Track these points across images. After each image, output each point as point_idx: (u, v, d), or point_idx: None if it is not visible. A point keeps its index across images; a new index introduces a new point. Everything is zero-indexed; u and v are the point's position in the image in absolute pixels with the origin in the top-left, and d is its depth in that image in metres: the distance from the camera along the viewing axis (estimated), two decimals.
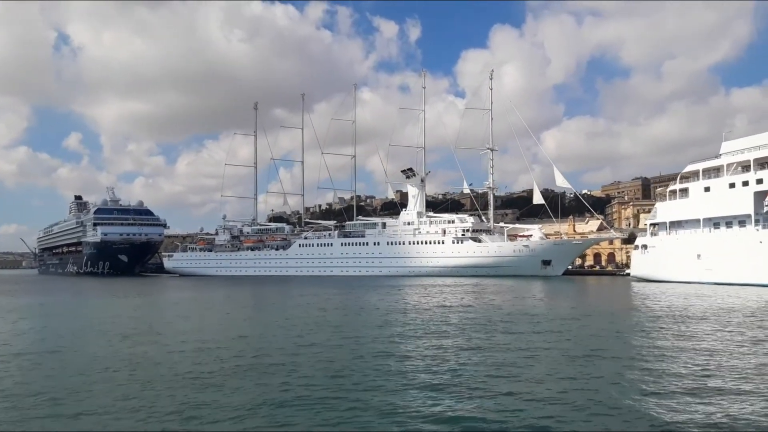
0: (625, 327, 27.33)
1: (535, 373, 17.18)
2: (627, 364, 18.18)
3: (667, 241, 66.43)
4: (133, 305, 46.49)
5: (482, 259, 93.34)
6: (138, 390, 15.55)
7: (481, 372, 17.35)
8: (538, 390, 15.06)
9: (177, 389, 15.57)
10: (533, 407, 13.43)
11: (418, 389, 15.33)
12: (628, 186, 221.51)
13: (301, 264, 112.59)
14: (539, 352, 20.56)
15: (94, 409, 13.74)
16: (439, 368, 17.99)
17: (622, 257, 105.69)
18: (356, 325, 29.46)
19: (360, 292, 56.05)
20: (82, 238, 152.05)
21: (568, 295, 51.85)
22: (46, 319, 36.39)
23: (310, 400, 14.26)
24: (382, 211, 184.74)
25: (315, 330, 27.32)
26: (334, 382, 16.25)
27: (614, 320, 30.29)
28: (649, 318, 30.66)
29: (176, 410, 13.50)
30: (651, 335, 24.37)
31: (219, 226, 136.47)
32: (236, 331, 27.35)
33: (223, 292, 64.57)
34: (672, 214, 66.71)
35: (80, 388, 16.06)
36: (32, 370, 18.78)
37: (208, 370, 17.90)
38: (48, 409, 13.85)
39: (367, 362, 19.09)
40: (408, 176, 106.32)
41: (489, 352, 20.60)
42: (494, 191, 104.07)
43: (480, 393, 14.81)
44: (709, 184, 62.13)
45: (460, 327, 27.70)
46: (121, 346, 23.40)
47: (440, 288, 60.12)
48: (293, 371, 17.75)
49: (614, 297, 49.19)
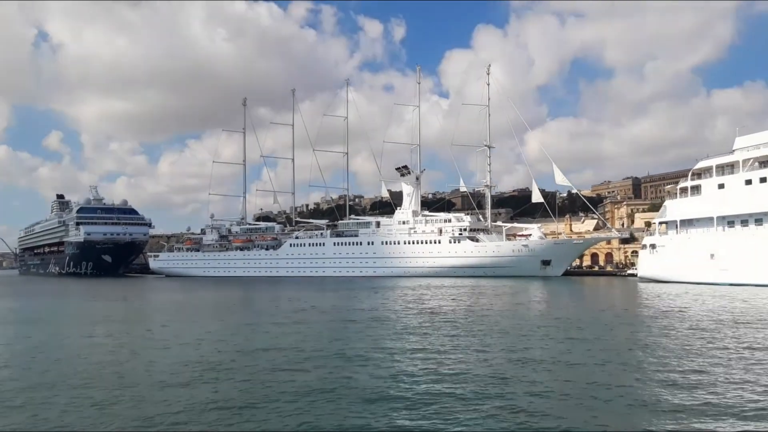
0: (671, 332, 24.27)
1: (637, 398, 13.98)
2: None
3: (678, 240, 63.69)
4: (110, 312, 42.76)
5: (480, 259, 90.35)
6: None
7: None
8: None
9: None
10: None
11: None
12: (618, 185, 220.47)
13: (293, 264, 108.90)
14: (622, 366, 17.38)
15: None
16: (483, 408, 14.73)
17: (620, 257, 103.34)
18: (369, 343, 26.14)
19: (358, 295, 52.68)
20: (64, 237, 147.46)
21: (582, 298, 48.95)
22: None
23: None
24: (372, 210, 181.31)
25: (319, 348, 23.93)
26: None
27: (651, 325, 27.22)
28: (688, 324, 27.65)
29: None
30: (711, 343, 21.31)
31: (207, 225, 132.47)
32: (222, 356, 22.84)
33: (212, 295, 60.97)
34: (683, 212, 63.97)
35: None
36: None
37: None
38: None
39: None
40: (403, 174, 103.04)
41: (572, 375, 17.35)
42: (492, 189, 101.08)
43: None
44: (724, 180, 59.48)
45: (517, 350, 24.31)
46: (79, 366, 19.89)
47: (444, 290, 56.95)
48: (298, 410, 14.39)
49: (632, 299, 46.16)
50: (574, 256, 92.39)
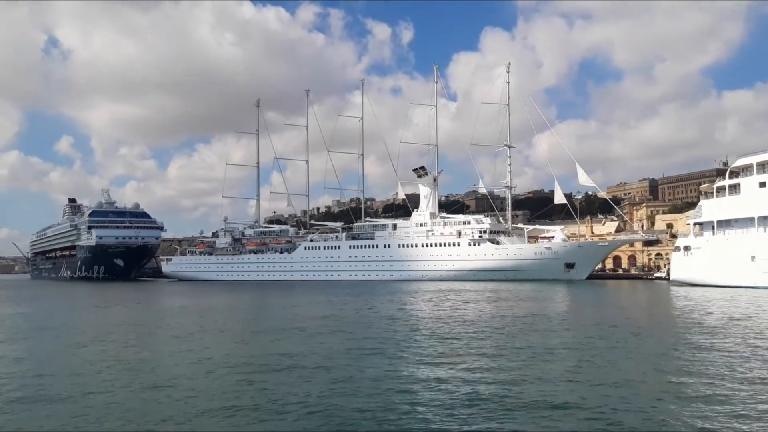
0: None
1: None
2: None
3: (715, 241, 60.66)
4: (119, 319, 40.56)
5: (501, 262, 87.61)
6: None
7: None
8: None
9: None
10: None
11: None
12: (634, 187, 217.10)
13: (307, 268, 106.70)
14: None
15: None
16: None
17: (643, 260, 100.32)
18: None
19: (396, 298, 50.21)
20: (76, 241, 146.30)
21: (634, 305, 46.23)
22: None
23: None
24: (384, 213, 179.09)
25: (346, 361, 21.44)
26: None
27: (720, 334, 24.56)
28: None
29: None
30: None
31: (220, 228, 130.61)
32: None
33: (225, 299, 58.81)
34: (720, 213, 60.91)
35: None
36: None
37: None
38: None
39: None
40: (420, 175, 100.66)
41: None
42: (512, 190, 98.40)
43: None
44: (766, 178, 56.50)
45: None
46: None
47: (472, 294, 54.39)
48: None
49: (680, 305, 43.38)
50: (600, 259, 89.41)
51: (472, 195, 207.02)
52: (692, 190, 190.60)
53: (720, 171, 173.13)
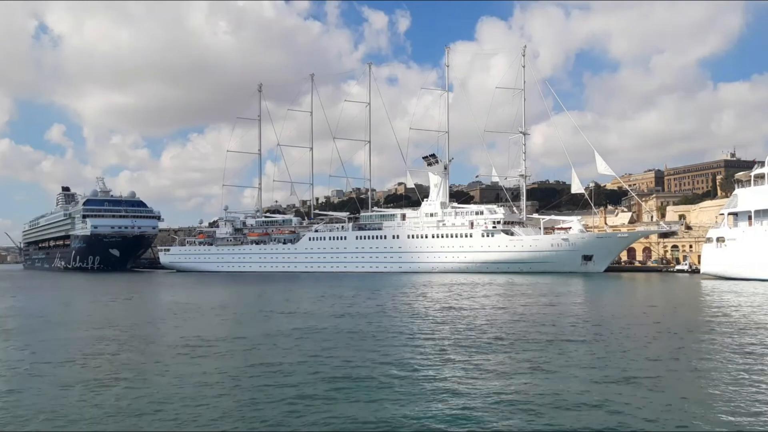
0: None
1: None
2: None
3: (753, 232, 57.17)
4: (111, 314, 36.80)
5: (516, 253, 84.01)
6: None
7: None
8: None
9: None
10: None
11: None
12: (640, 178, 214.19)
13: (312, 259, 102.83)
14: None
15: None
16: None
17: (659, 252, 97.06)
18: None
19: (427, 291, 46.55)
20: (70, 231, 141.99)
21: (672, 300, 42.74)
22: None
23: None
24: (386, 203, 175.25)
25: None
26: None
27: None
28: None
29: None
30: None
31: (220, 218, 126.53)
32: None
33: (227, 292, 55.09)
34: (758, 202, 57.36)
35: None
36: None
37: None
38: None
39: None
40: (430, 163, 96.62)
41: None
42: (527, 179, 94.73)
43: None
44: None
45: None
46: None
47: (497, 287, 50.84)
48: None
49: (734, 302, 39.91)
50: (619, 252, 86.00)
51: (475, 185, 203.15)
52: (699, 181, 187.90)
53: (729, 162, 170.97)
